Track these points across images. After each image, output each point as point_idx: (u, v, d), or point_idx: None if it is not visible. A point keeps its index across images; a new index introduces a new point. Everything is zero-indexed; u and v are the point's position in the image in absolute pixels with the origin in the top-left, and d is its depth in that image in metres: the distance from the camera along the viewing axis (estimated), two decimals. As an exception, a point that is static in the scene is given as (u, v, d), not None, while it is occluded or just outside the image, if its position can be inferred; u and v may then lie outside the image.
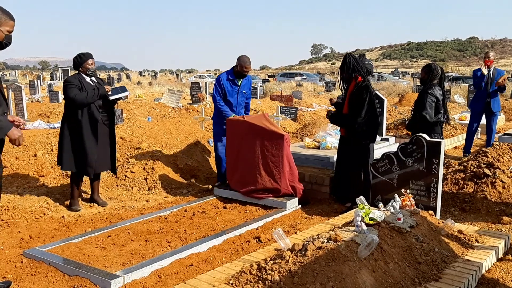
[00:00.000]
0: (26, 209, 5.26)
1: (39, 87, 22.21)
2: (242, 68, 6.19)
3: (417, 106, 5.29)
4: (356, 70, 5.09)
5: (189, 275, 3.63)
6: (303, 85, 27.65)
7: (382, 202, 4.36)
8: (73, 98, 5.14)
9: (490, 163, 5.69)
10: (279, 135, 5.45)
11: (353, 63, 5.09)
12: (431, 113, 5.16)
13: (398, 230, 3.60)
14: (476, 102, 8.09)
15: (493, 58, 7.97)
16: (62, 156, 5.31)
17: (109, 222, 5.03)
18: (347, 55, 5.24)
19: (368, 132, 5.14)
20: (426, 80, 5.32)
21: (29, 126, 10.02)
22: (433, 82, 5.31)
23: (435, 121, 5.24)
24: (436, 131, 5.28)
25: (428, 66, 5.40)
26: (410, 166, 4.74)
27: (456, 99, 18.95)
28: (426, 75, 5.33)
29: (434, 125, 5.25)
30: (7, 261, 3.87)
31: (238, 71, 6.23)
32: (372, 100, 5.07)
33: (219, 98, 6.22)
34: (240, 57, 6.27)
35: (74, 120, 5.22)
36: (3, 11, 3.13)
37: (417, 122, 5.24)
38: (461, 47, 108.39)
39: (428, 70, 5.33)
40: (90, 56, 5.38)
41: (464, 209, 5.38)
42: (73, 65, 5.40)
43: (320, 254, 3.08)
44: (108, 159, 5.54)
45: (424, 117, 5.13)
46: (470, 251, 3.79)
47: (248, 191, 5.63)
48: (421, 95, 5.26)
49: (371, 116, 5.07)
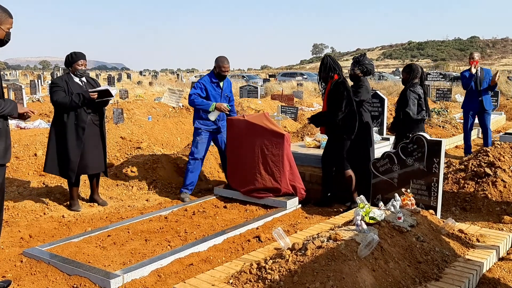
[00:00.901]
0: (26, 208, 5.26)
1: (39, 87, 22.20)
2: (221, 68, 5.97)
3: (400, 105, 5.34)
4: (333, 69, 5.31)
5: (189, 275, 3.63)
6: (304, 85, 27.61)
7: (383, 201, 4.35)
8: (55, 101, 5.10)
9: (491, 162, 5.67)
10: (279, 135, 5.45)
11: (330, 62, 5.34)
12: (414, 109, 5.24)
13: (398, 229, 3.59)
14: (469, 102, 8.18)
15: (478, 58, 8.15)
16: (46, 158, 5.24)
17: (109, 222, 5.02)
18: (325, 56, 5.50)
19: (349, 126, 5.25)
20: (408, 80, 5.39)
21: (30, 126, 10.01)
22: (414, 81, 5.39)
23: (418, 119, 5.30)
24: (420, 128, 5.32)
25: (409, 66, 5.49)
26: (411, 166, 4.73)
27: (457, 99, 18.90)
28: (408, 75, 5.42)
29: (417, 122, 5.31)
30: (7, 260, 3.87)
31: (218, 73, 6.02)
32: (350, 95, 5.21)
33: (195, 96, 5.93)
34: (218, 58, 6.06)
35: (60, 122, 5.15)
36: (2, 9, 3.13)
37: (401, 120, 5.27)
38: (462, 46, 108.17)
39: (409, 70, 5.43)
40: (82, 57, 5.27)
41: (465, 208, 5.37)
42: (65, 63, 5.34)
43: (320, 253, 3.07)
44: (102, 159, 5.45)
45: (407, 113, 5.20)
46: (471, 251, 3.78)
47: (248, 191, 5.62)
48: (404, 94, 5.32)
49: (350, 110, 5.19)
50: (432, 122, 10.37)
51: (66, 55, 5.32)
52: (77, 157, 5.18)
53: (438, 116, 10.89)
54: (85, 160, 5.26)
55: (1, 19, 3.10)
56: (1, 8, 3.13)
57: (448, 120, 10.76)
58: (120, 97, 18.33)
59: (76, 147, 5.15)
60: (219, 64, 6.00)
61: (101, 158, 5.44)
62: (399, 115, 5.39)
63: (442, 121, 10.59)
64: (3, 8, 3.14)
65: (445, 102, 18.03)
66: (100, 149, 5.42)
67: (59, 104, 5.09)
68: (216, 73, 6.03)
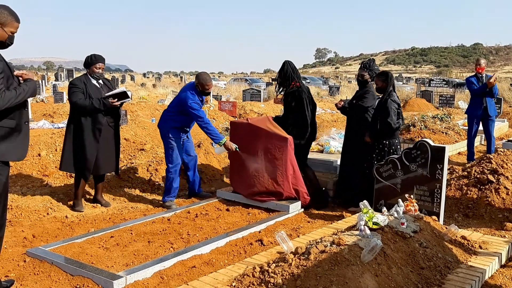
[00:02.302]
0: (30, 208, 5.27)
1: (43, 87, 22.29)
2: (205, 87, 5.63)
3: (381, 114, 5.28)
4: (291, 78, 5.61)
5: (192, 277, 3.64)
6: (306, 89, 27.58)
7: (386, 206, 4.35)
8: (75, 102, 5.19)
9: (494, 169, 5.67)
10: (283, 138, 5.45)
11: (289, 71, 5.62)
12: (395, 119, 5.24)
13: (401, 235, 3.59)
14: (474, 108, 8.14)
15: (484, 65, 8.13)
16: (63, 156, 5.35)
17: (112, 223, 5.04)
18: (285, 63, 5.70)
19: (298, 134, 5.54)
20: (385, 88, 5.34)
21: (34, 126, 10.04)
22: (390, 89, 5.34)
23: (397, 127, 5.30)
24: (396, 136, 5.35)
25: (385, 74, 5.41)
26: (414, 171, 4.73)
27: (460, 105, 18.91)
28: (384, 83, 5.35)
29: (395, 130, 5.31)
30: (10, 260, 3.88)
31: (201, 91, 5.66)
32: (302, 104, 5.53)
33: (208, 119, 5.68)
34: (200, 74, 5.70)
35: (78, 123, 5.25)
36: (10, 12, 3.14)
37: (381, 129, 5.26)
38: (465, 53, 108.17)
39: (385, 78, 5.35)
40: (101, 60, 5.39)
41: (468, 215, 5.37)
42: (84, 64, 5.44)
43: (323, 258, 3.08)
44: (113, 160, 5.56)
45: (389, 124, 5.17)
46: (473, 257, 3.78)
47: (251, 194, 5.63)
48: (384, 103, 5.26)
49: (300, 119, 5.55)
50: (435, 128, 10.36)
51: (86, 56, 5.42)
52: (94, 156, 5.29)
53: (441, 123, 10.87)
54: (99, 160, 5.37)
55: (6, 22, 3.12)
56: (9, 10, 3.14)
57: (451, 127, 10.74)
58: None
59: (93, 147, 5.26)
60: (203, 82, 5.62)
61: (113, 159, 5.55)
62: (377, 124, 5.33)
63: (445, 128, 10.58)
64: (11, 11, 3.15)
65: (448, 108, 18.03)
66: (113, 150, 5.53)
67: (79, 106, 5.19)
68: (200, 91, 5.67)
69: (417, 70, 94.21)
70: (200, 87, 5.65)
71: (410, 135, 10.11)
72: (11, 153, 3.14)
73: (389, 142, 5.24)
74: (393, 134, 5.28)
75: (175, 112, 5.73)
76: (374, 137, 5.30)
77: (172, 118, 5.73)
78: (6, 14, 3.12)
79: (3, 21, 3.10)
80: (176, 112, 5.72)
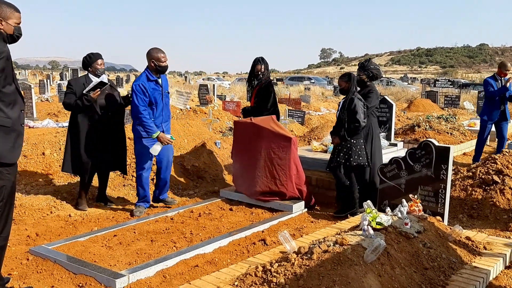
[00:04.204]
0: (33, 207, 5.28)
1: (48, 87, 22.38)
2: (160, 60, 5.10)
3: (349, 113, 5.27)
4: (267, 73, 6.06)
5: (194, 276, 3.63)
6: (311, 89, 27.61)
7: (390, 207, 4.33)
8: (63, 103, 5.28)
9: (499, 170, 5.64)
10: (286, 138, 5.44)
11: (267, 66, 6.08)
12: (363, 117, 5.27)
13: (405, 235, 3.57)
14: (491, 110, 7.91)
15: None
16: (64, 157, 5.37)
17: (115, 222, 5.04)
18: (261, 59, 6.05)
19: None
20: (349, 89, 5.34)
21: (38, 125, 10.08)
22: (354, 90, 5.37)
23: (364, 126, 5.33)
24: (361, 135, 5.36)
25: (348, 75, 5.43)
26: (418, 172, 4.71)
27: (465, 106, 18.85)
28: (348, 84, 5.36)
29: (363, 128, 5.34)
30: (13, 258, 3.89)
31: (155, 67, 5.12)
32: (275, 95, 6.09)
33: (144, 108, 5.04)
34: (151, 49, 5.16)
35: (75, 123, 5.25)
36: (7, 4, 3.09)
37: (349, 128, 5.26)
38: (471, 53, 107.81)
39: (349, 79, 5.37)
40: (100, 57, 5.38)
41: (472, 215, 5.34)
42: (83, 65, 5.40)
43: (326, 258, 3.06)
44: (120, 158, 5.55)
45: (357, 121, 5.20)
46: (478, 258, 3.75)
47: (254, 194, 5.61)
48: (350, 102, 5.27)
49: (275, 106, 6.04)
50: (440, 129, 10.31)
51: (83, 57, 5.38)
52: (91, 157, 5.27)
53: (446, 123, 10.83)
54: (105, 158, 5.38)
55: (7, 15, 3.07)
56: (5, 3, 3.10)
57: (456, 127, 10.70)
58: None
59: (90, 147, 5.24)
60: (155, 55, 5.09)
61: (121, 158, 5.55)
62: (343, 123, 5.32)
63: (450, 128, 10.53)
64: (7, 3, 3.11)
65: (454, 108, 17.98)
66: (120, 149, 5.52)
67: (66, 106, 5.25)
68: (154, 68, 5.14)
69: (423, 70, 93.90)
70: (154, 62, 5.12)
71: (414, 135, 10.07)
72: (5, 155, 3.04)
73: (356, 141, 5.27)
74: (359, 133, 5.31)
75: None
76: (342, 137, 5.30)
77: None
78: (4, 7, 3.07)
79: (4, 14, 3.05)
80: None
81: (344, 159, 5.25)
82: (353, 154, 5.22)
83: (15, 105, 3.08)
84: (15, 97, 3.08)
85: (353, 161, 5.21)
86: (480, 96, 14.34)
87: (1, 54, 2.91)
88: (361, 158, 5.24)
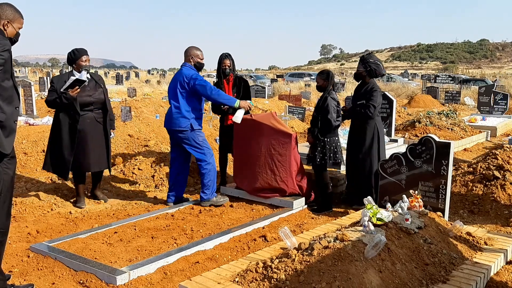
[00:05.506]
0: (34, 204, 5.28)
1: (48, 84, 22.36)
2: (199, 57, 5.34)
3: (321, 112, 5.30)
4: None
5: (195, 272, 3.63)
6: (311, 85, 27.55)
7: (390, 203, 4.33)
8: (45, 101, 5.19)
9: (500, 165, 5.63)
10: (287, 134, 5.43)
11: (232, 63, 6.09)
12: (335, 117, 5.30)
13: (405, 231, 3.57)
14: None
15: None
16: (45, 156, 5.32)
17: (116, 219, 5.04)
18: (229, 55, 6.08)
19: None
20: (326, 87, 5.37)
21: (38, 122, 10.06)
22: (330, 88, 5.38)
23: (337, 125, 5.36)
24: (336, 134, 5.40)
25: (326, 73, 5.45)
26: (419, 167, 4.70)
27: (466, 101, 18.81)
28: (325, 82, 5.39)
29: (335, 128, 5.36)
30: (14, 255, 3.90)
31: (196, 63, 5.33)
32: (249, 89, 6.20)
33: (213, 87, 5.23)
34: (190, 47, 5.35)
35: (56, 121, 5.20)
36: (15, 9, 3.25)
37: (322, 127, 5.28)
38: (471, 49, 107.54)
39: (326, 77, 5.40)
40: (85, 53, 5.24)
41: (473, 211, 5.33)
42: (67, 61, 5.30)
43: (326, 254, 3.06)
44: (105, 157, 5.45)
45: (329, 120, 5.22)
46: (479, 254, 3.75)
47: (254, 190, 5.61)
48: (324, 101, 5.29)
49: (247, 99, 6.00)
50: (441, 125, 10.30)
51: (68, 53, 5.28)
52: (71, 156, 5.16)
53: (447, 119, 10.82)
54: (89, 158, 5.29)
55: (14, 18, 3.20)
56: (14, 8, 3.23)
57: (457, 123, 10.68)
58: (128, 95, 18.39)
59: (70, 146, 5.14)
60: (196, 52, 5.31)
61: (104, 156, 5.44)
62: (318, 121, 5.35)
63: (451, 124, 10.52)
64: (16, 8, 3.25)
65: (454, 104, 17.95)
66: (104, 147, 5.42)
67: (47, 104, 5.17)
68: (193, 65, 5.32)
69: (423, 66, 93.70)
70: (195, 58, 5.31)
71: (415, 131, 10.06)
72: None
73: (330, 140, 5.30)
74: (334, 132, 5.34)
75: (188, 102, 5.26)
76: (315, 136, 5.31)
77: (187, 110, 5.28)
78: (13, 11, 3.21)
79: (11, 17, 3.17)
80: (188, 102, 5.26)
81: (319, 158, 5.30)
82: (328, 152, 5.26)
83: (12, 101, 3.10)
84: (12, 93, 3.10)
85: (328, 159, 5.27)
86: (480, 91, 14.30)
87: (4, 46, 2.98)
88: (337, 155, 5.31)
